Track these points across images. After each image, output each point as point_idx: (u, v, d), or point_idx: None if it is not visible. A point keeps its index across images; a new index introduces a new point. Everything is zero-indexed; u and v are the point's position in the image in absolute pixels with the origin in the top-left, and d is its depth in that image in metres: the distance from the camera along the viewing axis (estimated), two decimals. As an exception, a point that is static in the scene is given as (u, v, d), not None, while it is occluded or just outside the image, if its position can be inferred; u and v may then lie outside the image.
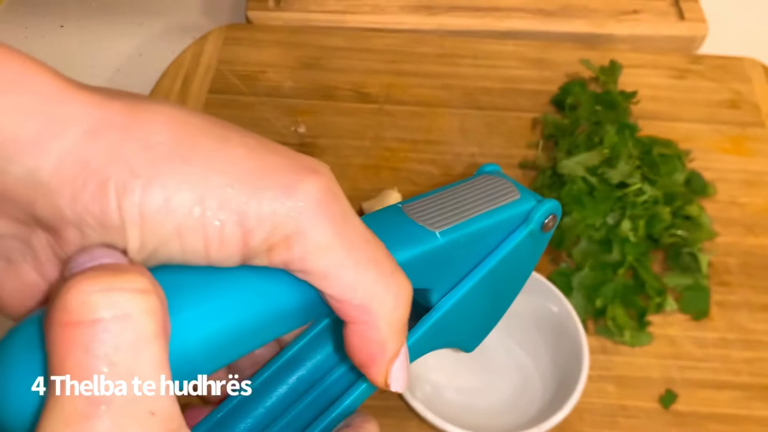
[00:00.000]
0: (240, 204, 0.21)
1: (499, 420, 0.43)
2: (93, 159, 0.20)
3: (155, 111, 0.22)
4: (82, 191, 0.20)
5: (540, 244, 0.32)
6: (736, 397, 0.46)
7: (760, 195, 0.57)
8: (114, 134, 0.21)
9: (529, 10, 0.68)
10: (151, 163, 0.21)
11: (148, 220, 0.21)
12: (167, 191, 0.21)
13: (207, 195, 0.21)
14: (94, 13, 0.71)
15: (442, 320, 0.29)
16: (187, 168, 0.21)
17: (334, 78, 0.64)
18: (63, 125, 0.20)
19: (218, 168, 0.21)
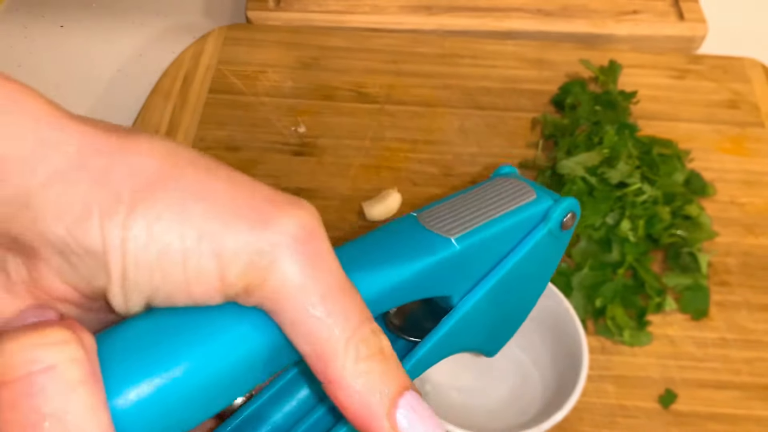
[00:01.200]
0: (216, 234, 0.21)
1: (499, 420, 0.43)
2: (79, 182, 0.20)
3: (143, 141, 0.22)
4: (67, 214, 0.20)
5: (560, 244, 0.32)
6: (736, 397, 0.46)
7: (759, 195, 0.57)
8: (102, 159, 0.21)
9: (529, 11, 0.68)
10: (135, 189, 0.21)
11: (130, 247, 0.21)
12: (149, 218, 0.21)
13: (186, 225, 0.21)
14: (95, 14, 0.71)
15: (461, 322, 0.29)
16: (169, 196, 0.21)
17: (334, 78, 0.64)
18: (52, 148, 0.20)
19: (200, 198, 0.21)
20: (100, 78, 0.66)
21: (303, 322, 0.21)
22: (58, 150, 0.20)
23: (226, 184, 0.22)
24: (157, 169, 0.21)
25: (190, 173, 0.22)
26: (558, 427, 0.40)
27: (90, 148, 0.21)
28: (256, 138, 0.59)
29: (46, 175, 0.20)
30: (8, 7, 0.71)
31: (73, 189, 0.20)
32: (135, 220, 0.21)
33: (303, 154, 0.58)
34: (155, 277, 0.21)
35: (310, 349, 0.22)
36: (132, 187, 0.21)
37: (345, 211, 0.55)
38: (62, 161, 0.20)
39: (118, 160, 0.21)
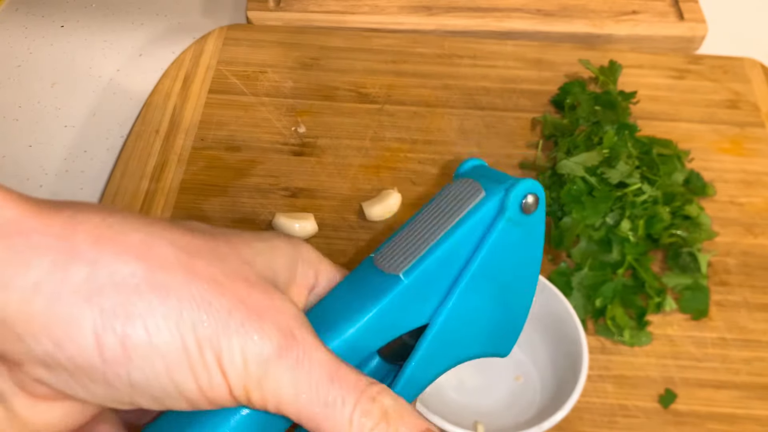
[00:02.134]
0: (215, 341, 0.21)
1: (499, 420, 0.43)
2: (63, 295, 0.20)
3: (122, 239, 0.21)
4: (54, 329, 0.20)
5: (532, 229, 0.30)
6: (735, 397, 0.46)
7: (759, 195, 0.57)
8: (83, 268, 0.20)
9: (529, 11, 0.68)
10: (126, 300, 0.20)
11: (134, 359, 0.21)
12: (149, 330, 0.21)
13: (185, 329, 0.21)
14: (95, 14, 0.71)
15: (443, 335, 0.29)
16: (161, 304, 0.21)
17: (334, 78, 0.64)
18: (28, 259, 0.19)
19: (190, 302, 0.21)
20: (100, 78, 0.66)
21: (305, 417, 0.23)
22: (34, 260, 0.19)
23: (208, 285, 0.22)
24: (142, 273, 0.21)
25: (173, 275, 0.22)
26: (558, 427, 0.40)
27: (68, 255, 0.20)
28: (256, 138, 0.59)
29: (23, 290, 0.19)
30: (8, 7, 0.71)
31: (57, 303, 0.20)
32: (135, 332, 0.20)
33: (303, 154, 0.58)
34: (166, 383, 0.22)
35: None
36: (122, 297, 0.20)
37: (345, 211, 0.55)
38: (40, 273, 0.20)
39: (101, 266, 0.20)
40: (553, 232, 0.51)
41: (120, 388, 0.21)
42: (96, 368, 0.21)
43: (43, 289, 0.20)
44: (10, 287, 0.19)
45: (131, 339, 0.20)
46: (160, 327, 0.21)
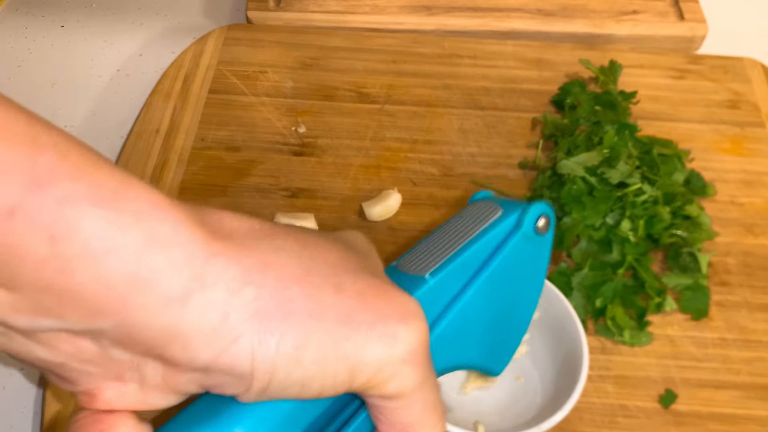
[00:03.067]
0: (353, 354, 0.24)
1: (499, 420, 0.43)
2: (232, 314, 0.23)
3: (285, 262, 0.25)
4: (218, 343, 0.23)
5: (540, 249, 0.33)
6: (736, 397, 0.46)
7: (759, 195, 0.57)
8: (251, 291, 0.23)
9: (529, 11, 0.68)
10: (284, 319, 0.23)
11: (279, 371, 0.23)
12: (298, 347, 0.23)
13: (329, 348, 0.24)
14: (95, 14, 0.71)
15: (448, 333, 0.30)
16: (314, 325, 0.24)
17: (334, 78, 0.64)
18: (206, 282, 0.22)
19: (338, 321, 0.24)
20: (100, 78, 0.66)
21: (406, 412, 0.26)
22: (212, 284, 0.22)
23: (355, 300, 0.25)
24: (301, 296, 0.24)
25: (325, 294, 0.25)
26: (558, 427, 0.40)
27: (239, 279, 0.23)
28: (257, 138, 0.59)
29: (200, 309, 0.22)
30: (8, 7, 0.71)
31: (227, 322, 0.23)
32: (285, 348, 0.23)
33: (303, 154, 0.58)
34: (294, 389, 0.24)
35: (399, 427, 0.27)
36: (281, 317, 0.23)
37: (345, 211, 0.55)
38: (216, 295, 0.22)
39: (266, 289, 0.23)
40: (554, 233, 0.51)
41: (255, 391, 0.24)
42: (244, 376, 0.23)
43: (217, 307, 0.22)
44: (189, 306, 0.22)
45: (281, 354, 0.23)
46: (309, 344, 0.24)
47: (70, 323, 0.21)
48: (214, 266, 0.23)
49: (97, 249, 0.20)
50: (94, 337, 0.22)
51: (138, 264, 0.21)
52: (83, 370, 0.24)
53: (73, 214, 0.20)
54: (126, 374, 0.24)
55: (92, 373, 0.24)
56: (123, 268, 0.21)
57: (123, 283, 0.21)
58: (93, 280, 0.21)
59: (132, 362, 0.24)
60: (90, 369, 0.24)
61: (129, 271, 0.21)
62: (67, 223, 0.20)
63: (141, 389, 0.24)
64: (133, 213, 0.21)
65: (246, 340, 0.23)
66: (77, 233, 0.20)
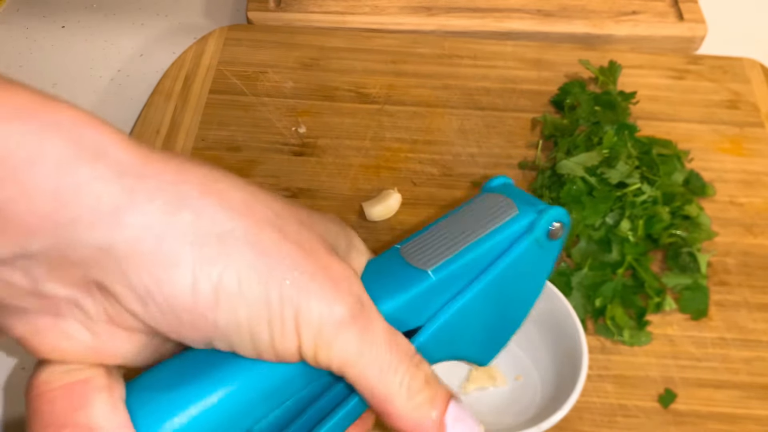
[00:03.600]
0: (297, 300, 0.23)
1: (498, 420, 0.43)
2: (168, 237, 0.21)
3: (225, 195, 0.23)
4: (156, 268, 0.21)
5: (549, 254, 0.32)
6: (735, 397, 0.46)
7: (758, 195, 0.57)
8: (188, 215, 0.22)
9: (529, 11, 0.68)
10: (224, 250, 0.22)
11: (222, 307, 0.23)
12: (241, 280, 0.22)
13: (273, 287, 0.23)
14: (95, 14, 0.71)
15: (445, 329, 0.30)
16: (256, 259, 0.23)
17: (334, 78, 0.64)
18: (140, 200, 0.21)
19: (280, 261, 0.23)
20: (101, 78, 0.66)
21: (363, 378, 0.25)
22: (146, 202, 0.21)
23: (295, 246, 0.24)
24: (241, 228, 0.23)
25: (267, 234, 0.24)
26: (558, 427, 0.41)
27: (177, 200, 0.22)
28: (257, 138, 0.59)
29: (134, 228, 0.21)
30: (9, 7, 0.72)
31: (162, 244, 0.21)
32: (228, 279, 0.22)
33: (303, 154, 0.58)
34: (243, 333, 0.23)
35: (370, 396, 0.26)
36: (220, 247, 0.22)
37: (345, 211, 0.55)
38: (150, 214, 0.21)
39: (204, 216, 0.22)
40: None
41: (202, 329, 0.23)
42: (186, 308, 0.22)
43: (152, 229, 0.21)
44: (122, 225, 0.21)
45: (224, 286, 0.22)
46: (251, 279, 0.23)
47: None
48: (147, 184, 0.21)
49: (14, 162, 0.19)
50: (25, 267, 0.21)
51: (63, 176, 0.20)
52: (17, 306, 0.22)
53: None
54: (64, 308, 0.23)
55: (28, 309, 0.22)
56: (47, 182, 0.20)
57: (47, 199, 0.20)
58: (16, 196, 0.20)
59: (69, 297, 0.22)
60: (25, 305, 0.22)
61: (54, 185, 0.20)
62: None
63: (87, 329, 0.23)
64: (52, 126, 0.20)
65: (186, 267, 0.22)
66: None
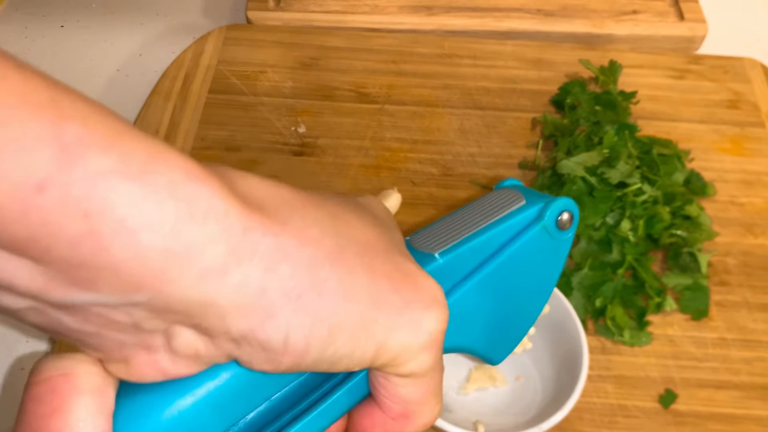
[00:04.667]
0: (381, 336, 0.25)
1: (499, 420, 0.43)
2: (269, 290, 0.23)
3: (320, 241, 0.24)
4: (254, 317, 0.23)
5: (560, 246, 0.32)
6: (736, 397, 0.46)
7: (759, 195, 0.57)
8: (287, 269, 0.23)
9: (529, 11, 0.68)
10: (319, 299, 0.24)
11: (312, 352, 0.24)
12: (332, 328, 0.24)
13: (360, 330, 0.25)
14: (95, 14, 0.71)
15: (452, 314, 0.29)
16: (348, 307, 0.24)
17: (334, 78, 0.64)
18: (244, 258, 0.22)
19: (370, 303, 0.25)
20: (100, 78, 0.66)
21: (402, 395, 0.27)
22: (251, 258, 0.22)
23: (385, 281, 0.26)
24: (335, 277, 0.24)
25: (358, 276, 0.25)
26: (558, 427, 0.40)
27: (277, 253, 0.23)
28: (257, 138, 0.59)
29: (238, 282, 0.22)
30: (8, 6, 0.71)
31: (263, 297, 0.23)
32: (319, 331, 0.24)
33: (303, 154, 0.58)
34: (322, 366, 0.25)
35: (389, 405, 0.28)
36: (314, 298, 0.24)
37: (345, 211, 0.55)
38: (254, 269, 0.22)
39: (301, 267, 0.23)
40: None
41: (285, 366, 0.24)
42: (278, 352, 0.24)
43: (253, 285, 0.22)
44: (225, 282, 0.22)
45: (315, 336, 0.24)
46: (343, 327, 0.24)
47: (104, 297, 0.21)
48: (251, 241, 0.22)
49: (132, 225, 0.20)
50: (128, 309, 0.22)
51: (174, 239, 0.21)
52: (116, 339, 0.23)
53: (106, 188, 0.19)
54: (157, 343, 0.24)
55: (125, 342, 0.23)
56: (159, 244, 0.20)
57: (159, 258, 0.21)
58: (129, 257, 0.20)
59: (165, 332, 0.23)
60: (122, 338, 0.23)
61: (165, 246, 0.21)
62: (100, 199, 0.19)
63: (171, 358, 0.24)
64: (167, 186, 0.21)
65: (282, 318, 0.23)
66: (112, 209, 0.20)
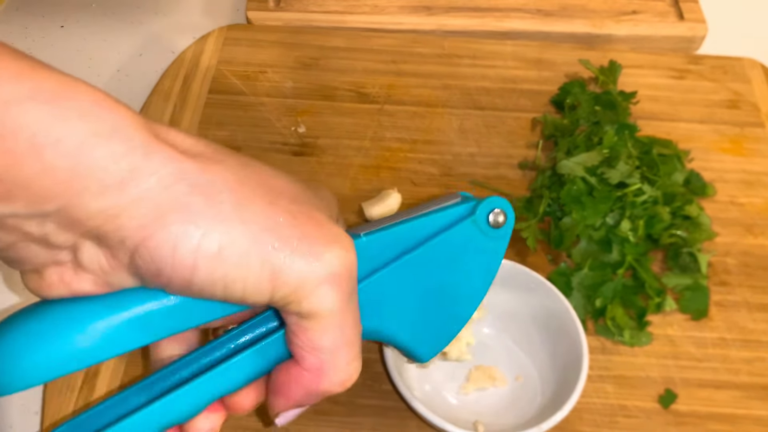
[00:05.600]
0: (277, 263, 0.26)
1: (499, 420, 0.43)
2: (163, 205, 0.25)
3: (222, 172, 0.26)
4: (146, 229, 0.25)
5: (495, 245, 0.33)
6: (736, 397, 0.46)
7: (759, 195, 0.57)
8: (183, 187, 0.25)
9: (529, 11, 0.68)
10: (212, 218, 0.25)
11: (201, 268, 0.25)
12: (222, 245, 0.25)
13: (253, 253, 0.26)
14: (95, 13, 0.71)
15: (373, 292, 0.31)
16: (241, 227, 0.26)
17: (334, 78, 0.64)
18: (143, 175, 0.25)
19: (266, 230, 0.26)
20: (100, 78, 0.66)
21: (312, 341, 0.27)
22: (148, 175, 0.25)
23: (286, 216, 0.27)
24: (233, 200, 0.26)
25: (257, 205, 0.26)
26: (558, 427, 0.40)
27: (175, 176, 0.25)
28: (256, 138, 0.59)
29: (134, 197, 0.24)
30: (8, 6, 0.71)
31: (156, 210, 0.25)
32: (209, 243, 0.25)
33: (303, 154, 0.58)
34: (218, 288, 0.26)
35: (302, 355, 0.28)
36: (209, 215, 0.25)
37: (345, 211, 0.55)
38: (150, 186, 0.25)
39: (198, 188, 0.25)
40: (553, 232, 0.51)
41: (176, 284, 0.26)
42: (165, 264, 0.25)
43: (149, 199, 0.25)
44: (124, 194, 0.24)
45: (202, 250, 0.25)
46: (233, 245, 0.25)
47: (18, 209, 0.24)
48: (151, 161, 0.25)
49: (42, 143, 0.23)
50: (40, 221, 0.25)
51: (80, 156, 0.23)
52: (30, 251, 0.26)
53: (18, 112, 0.22)
54: (66, 258, 0.26)
55: (38, 255, 0.26)
56: (66, 160, 0.23)
57: (66, 173, 0.23)
58: (39, 172, 0.23)
59: (73, 247, 0.26)
60: (36, 251, 0.26)
61: (71, 162, 0.23)
62: (13, 121, 0.22)
63: (77, 273, 0.27)
64: (75, 109, 0.23)
65: (172, 230, 0.25)
66: (24, 130, 0.22)
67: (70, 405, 0.44)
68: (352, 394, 0.45)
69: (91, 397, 0.45)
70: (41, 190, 0.23)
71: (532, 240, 0.51)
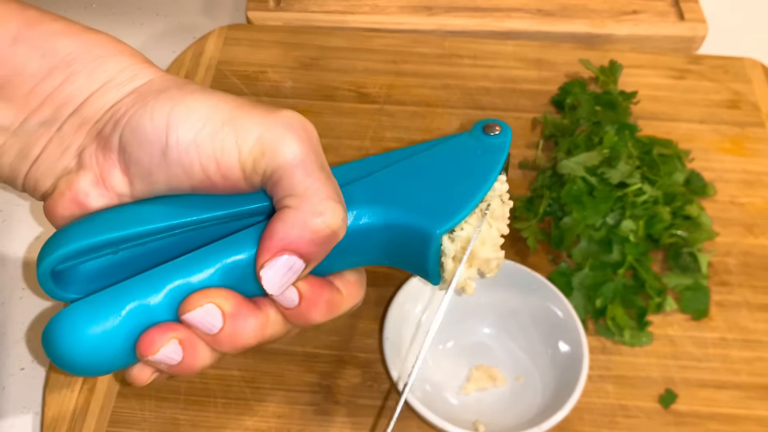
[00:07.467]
0: (235, 121, 0.30)
1: (499, 420, 0.43)
2: (145, 93, 0.32)
3: (193, 82, 0.33)
4: (132, 109, 0.31)
5: (492, 147, 0.36)
6: (736, 397, 0.46)
7: (759, 195, 0.57)
8: (163, 83, 0.33)
9: (529, 11, 0.68)
10: (183, 95, 0.31)
11: (173, 125, 0.30)
12: (191, 108, 0.31)
13: (217, 116, 0.31)
14: (95, 14, 0.71)
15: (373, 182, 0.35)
16: (208, 100, 0.31)
17: (334, 78, 0.64)
18: (139, 77, 0.33)
19: (228, 102, 0.31)
20: (100, 78, 0.66)
21: (296, 183, 0.30)
22: (137, 80, 0.33)
23: (233, 100, 0.32)
24: (200, 89, 0.32)
25: (221, 94, 0.32)
26: (558, 427, 0.40)
27: (159, 79, 0.33)
28: (256, 138, 0.59)
29: (131, 89, 0.33)
30: (8, 7, 0.71)
31: (140, 98, 0.32)
32: (180, 108, 0.31)
33: (303, 154, 0.58)
34: (192, 152, 0.31)
35: (289, 200, 0.30)
36: (179, 94, 0.31)
37: (345, 211, 0.55)
38: (139, 85, 0.33)
39: (174, 83, 0.33)
40: (554, 232, 0.51)
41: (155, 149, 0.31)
42: (146, 132, 0.31)
43: (138, 90, 0.32)
44: (121, 89, 0.33)
45: (176, 116, 0.31)
46: (202, 112, 0.31)
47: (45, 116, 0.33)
48: (147, 72, 0.34)
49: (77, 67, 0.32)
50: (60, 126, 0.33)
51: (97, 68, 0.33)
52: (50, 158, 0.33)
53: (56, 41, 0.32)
54: (72, 163, 0.33)
55: (55, 165, 0.33)
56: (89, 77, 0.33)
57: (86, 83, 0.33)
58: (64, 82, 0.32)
59: (79, 147, 0.33)
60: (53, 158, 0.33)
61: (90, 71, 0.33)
62: (54, 45, 0.32)
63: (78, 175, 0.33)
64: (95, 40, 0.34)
65: (149, 102, 0.31)
66: (60, 51, 0.32)
67: (70, 405, 0.44)
68: (352, 394, 0.45)
69: (91, 397, 0.45)
70: (65, 98, 0.32)
71: (532, 240, 0.51)
